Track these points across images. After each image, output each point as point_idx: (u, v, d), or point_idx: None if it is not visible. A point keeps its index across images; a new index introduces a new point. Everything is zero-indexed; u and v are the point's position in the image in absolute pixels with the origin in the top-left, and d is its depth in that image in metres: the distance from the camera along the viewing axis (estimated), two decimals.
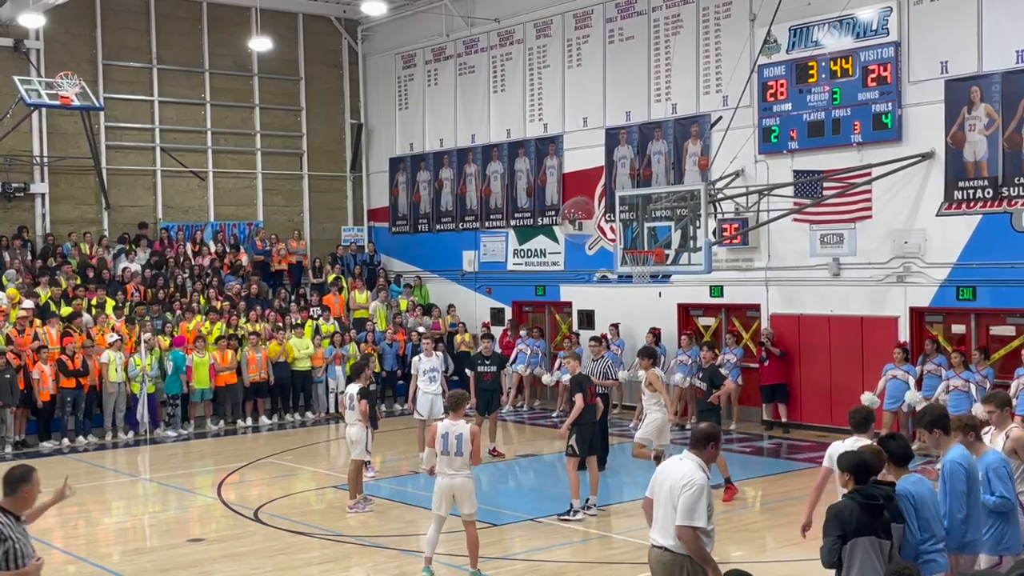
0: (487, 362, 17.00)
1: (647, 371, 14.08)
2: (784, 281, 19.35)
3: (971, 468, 7.43)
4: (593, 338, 17.28)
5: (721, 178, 18.53)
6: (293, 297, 24.85)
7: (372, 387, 15.21)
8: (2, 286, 21.58)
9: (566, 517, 12.87)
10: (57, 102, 22.75)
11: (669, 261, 17.07)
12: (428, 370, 16.69)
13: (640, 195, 17.96)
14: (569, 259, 23.30)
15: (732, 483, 13.96)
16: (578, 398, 13.03)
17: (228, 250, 25.76)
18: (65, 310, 20.90)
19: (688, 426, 19.20)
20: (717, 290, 20.32)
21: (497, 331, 23.76)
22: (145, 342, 20.03)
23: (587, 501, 13.34)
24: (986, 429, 8.46)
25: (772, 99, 19.20)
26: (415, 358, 17.19)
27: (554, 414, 21.32)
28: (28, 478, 6.83)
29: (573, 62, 23.11)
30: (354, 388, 14.23)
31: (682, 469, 7.17)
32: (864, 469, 6.95)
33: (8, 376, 18.54)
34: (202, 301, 22.94)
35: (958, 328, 17.45)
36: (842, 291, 18.52)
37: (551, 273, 23.72)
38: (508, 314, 24.47)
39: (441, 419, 16.44)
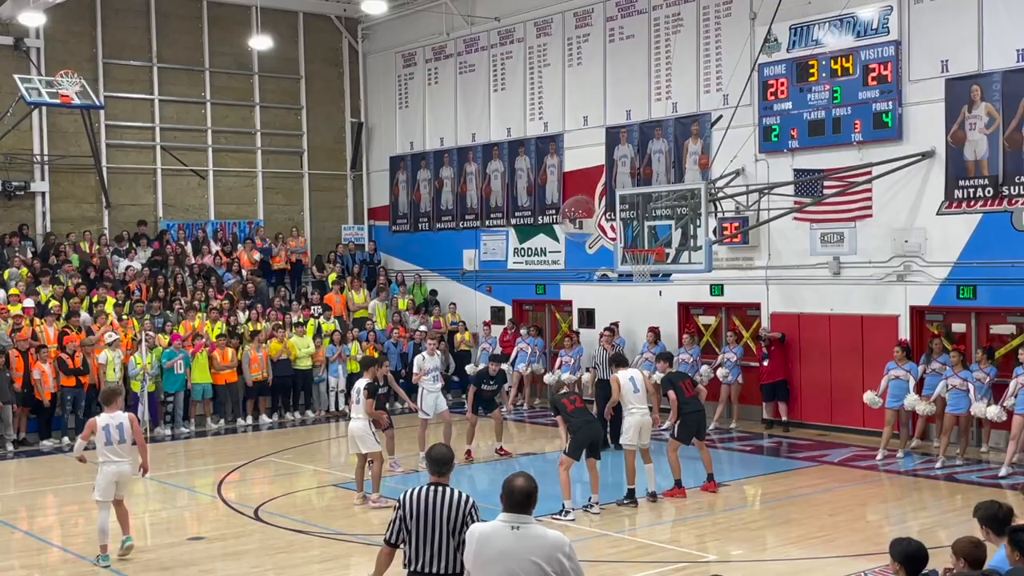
0: (492, 382, 17.05)
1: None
2: (784, 280, 19.34)
3: None
4: (606, 328, 19.38)
5: (721, 177, 18.53)
6: (294, 295, 24.86)
7: (381, 389, 15.20)
8: (4, 283, 21.59)
9: (558, 517, 12.86)
10: (57, 101, 22.75)
11: (669, 260, 17.07)
12: (432, 369, 16.78)
13: (640, 194, 17.96)
14: (569, 258, 23.30)
15: (681, 486, 14.14)
16: (559, 420, 13.58)
17: (230, 248, 25.74)
18: (52, 304, 20.84)
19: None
20: (717, 289, 20.32)
21: (497, 330, 23.76)
22: (145, 340, 20.02)
23: (590, 499, 13.36)
24: None
25: (772, 98, 19.19)
26: (418, 357, 17.21)
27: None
28: (454, 455, 7.11)
29: (573, 61, 23.10)
30: (362, 383, 14.23)
31: None
32: (915, 561, 6.24)
33: (8, 374, 18.56)
34: (203, 299, 22.92)
35: (958, 327, 17.44)
36: (842, 290, 18.52)
37: (551, 272, 23.72)
38: (508, 313, 24.47)
39: (441, 414, 16.87)
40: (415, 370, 16.95)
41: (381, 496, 13.70)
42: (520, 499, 6.00)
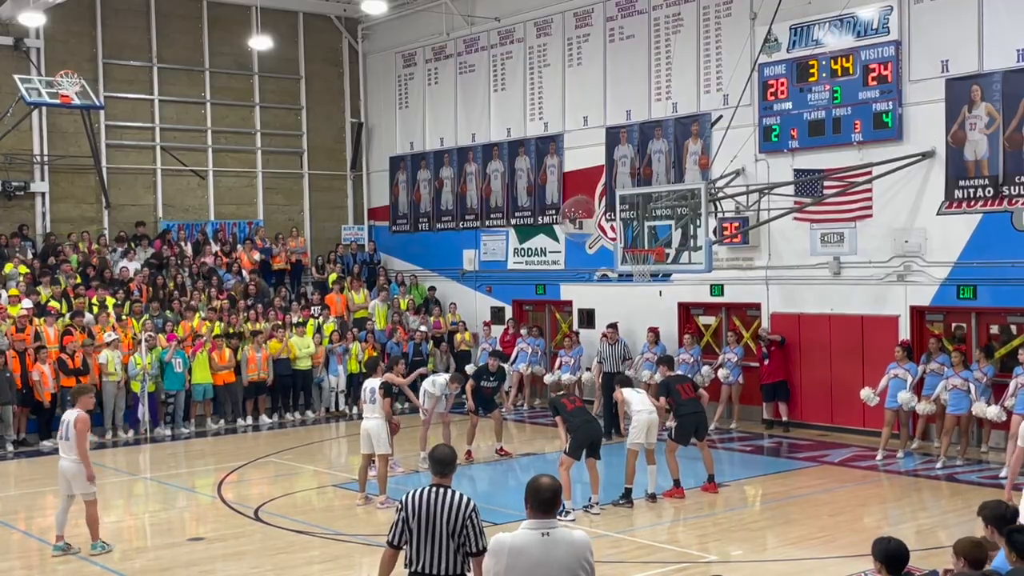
0: (491, 378, 17.10)
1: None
2: (785, 280, 19.34)
3: None
4: (609, 325, 19.74)
5: (721, 177, 18.52)
6: (294, 296, 24.84)
7: (394, 389, 15.22)
8: (4, 284, 21.61)
9: (558, 517, 12.84)
10: (57, 101, 22.75)
11: (670, 260, 17.06)
12: (447, 394, 16.82)
13: (640, 194, 17.95)
14: (569, 258, 23.29)
15: (680, 487, 14.20)
16: (557, 421, 13.70)
17: (230, 249, 25.74)
18: (51, 305, 20.85)
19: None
20: (718, 289, 20.32)
21: (497, 330, 23.76)
22: (145, 341, 20.02)
23: (591, 499, 13.36)
24: None
25: (772, 98, 19.18)
26: (440, 383, 16.80)
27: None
28: (456, 456, 7.13)
29: (573, 61, 23.10)
30: (375, 382, 14.21)
31: None
32: (896, 560, 6.20)
33: (8, 375, 18.57)
34: (203, 299, 22.92)
35: (958, 327, 17.45)
36: (842, 290, 18.51)
37: (551, 272, 23.71)
38: (508, 313, 24.46)
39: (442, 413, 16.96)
40: (432, 387, 16.78)
41: (388, 497, 13.69)
42: (547, 498, 6.00)
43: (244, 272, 24.86)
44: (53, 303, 20.83)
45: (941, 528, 12.51)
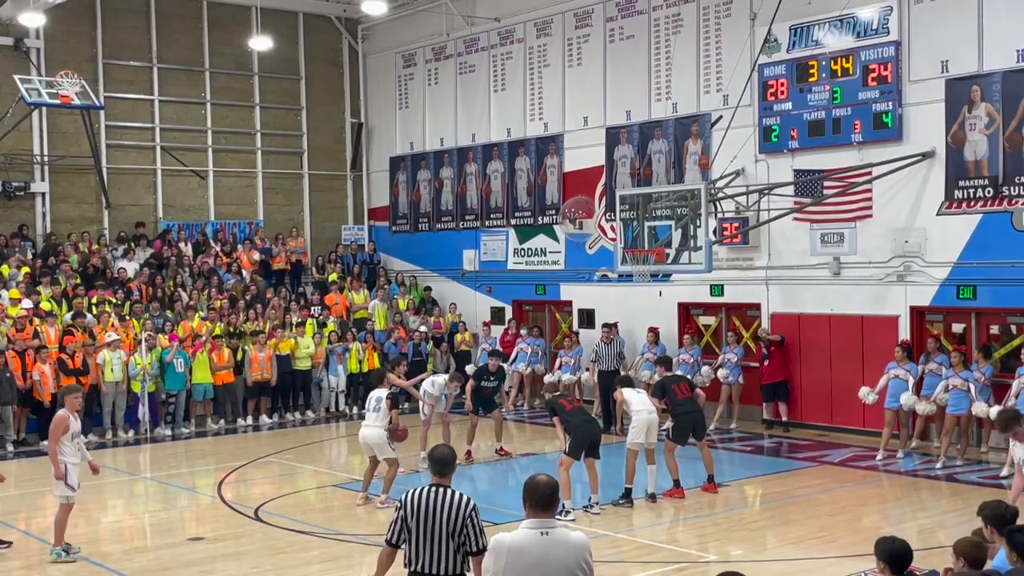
0: (492, 378, 17.12)
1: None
2: (785, 280, 19.34)
3: None
4: (605, 324, 20.05)
5: (721, 177, 18.52)
6: (293, 296, 24.85)
7: (393, 389, 15.22)
8: (5, 284, 21.61)
9: (558, 517, 12.83)
10: (57, 101, 22.75)
11: (670, 260, 17.07)
12: (447, 394, 16.87)
13: (640, 194, 17.96)
14: (569, 258, 23.30)
15: (680, 487, 14.20)
16: (555, 421, 13.74)
17: (230, 249, 25.73)
18: (57, 309, 20.85)
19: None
20: (718, 289, 20.32)
21: (497, 331, 23.76)
22: (145, 341, 20.02)
23: (590, 499, 13.36)
24: None
25: (772, 98, 19.18)
26: (440, 383, 16.84)
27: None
28: (456, 457, 7.20)
29: (573, 61, 23.10)
30: (383, 392, 14.24)
31: None
32: (899, 560, 6.19)
33: (8, 375, 18.58)
34: (202, 299, 22.92)
35: (958, 327, 17.45)
36: (842, 290, 18.52)
37: (551, 272, 23.71)
38: (508, 313, 24.46)
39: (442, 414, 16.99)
40: (431, 388, 16.78)
41: (388, 498, 13.70)
42: (545, 495, 5.99)
43: (244, 272, 24.87)
44: (46, 305, 20.73)
45: (941, 528, 12.51)
